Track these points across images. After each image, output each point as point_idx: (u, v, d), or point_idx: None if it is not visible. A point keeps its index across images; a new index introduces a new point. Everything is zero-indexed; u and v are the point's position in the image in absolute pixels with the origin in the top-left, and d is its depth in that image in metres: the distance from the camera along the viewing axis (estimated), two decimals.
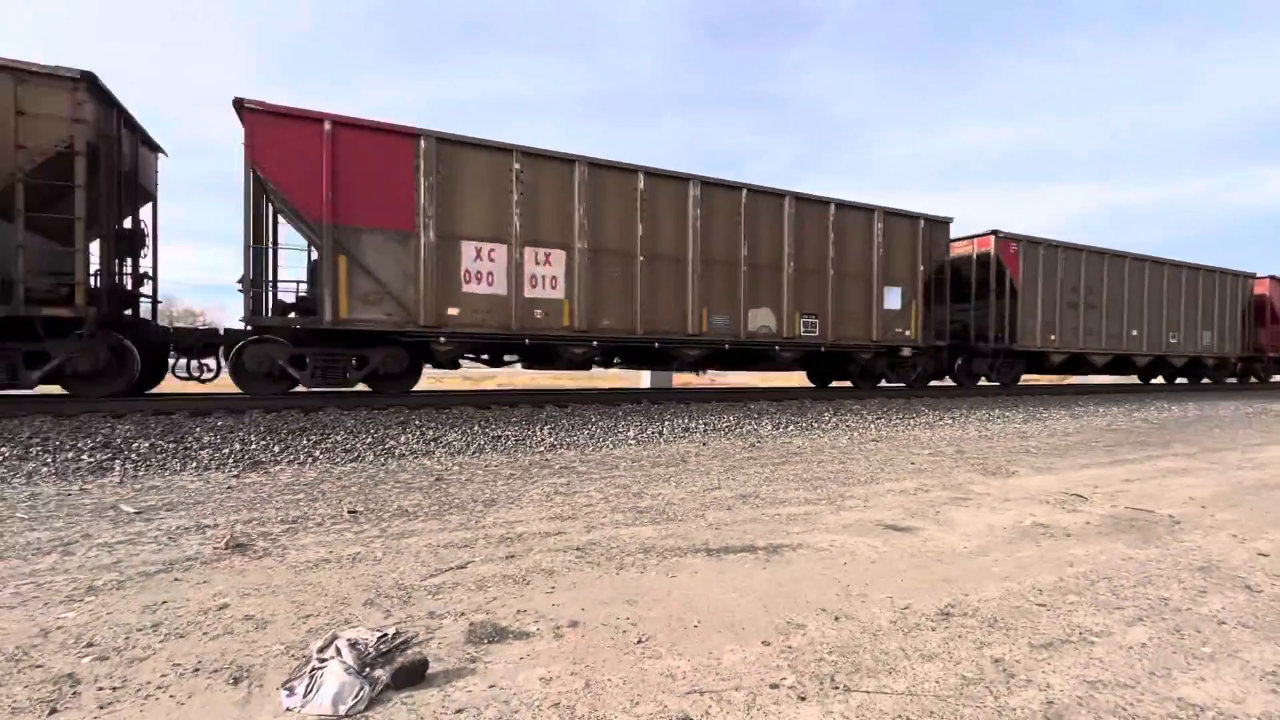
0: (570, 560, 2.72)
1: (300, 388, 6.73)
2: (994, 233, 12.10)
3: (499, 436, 5.55)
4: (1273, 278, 17.87)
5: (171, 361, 7.37)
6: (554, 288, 7.42)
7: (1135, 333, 14.19)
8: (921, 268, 10.70)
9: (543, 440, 5.61)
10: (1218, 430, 8.16)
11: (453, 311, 6.84)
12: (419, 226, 6.64)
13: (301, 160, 6.16)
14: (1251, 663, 1.79)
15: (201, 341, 6.93)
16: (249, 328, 6.52)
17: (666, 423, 6.63)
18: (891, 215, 10.28)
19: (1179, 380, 17.85)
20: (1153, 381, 17.46)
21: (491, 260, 7.03)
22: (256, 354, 6.50)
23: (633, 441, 5.88)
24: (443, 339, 6.87)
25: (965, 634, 1.98)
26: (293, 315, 7.04)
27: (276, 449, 4.79)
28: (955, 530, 3.25)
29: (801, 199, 9.29)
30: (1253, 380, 19.63)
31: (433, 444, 5.19)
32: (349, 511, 3.49)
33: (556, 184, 7.37)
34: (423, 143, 6.63)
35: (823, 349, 9.64)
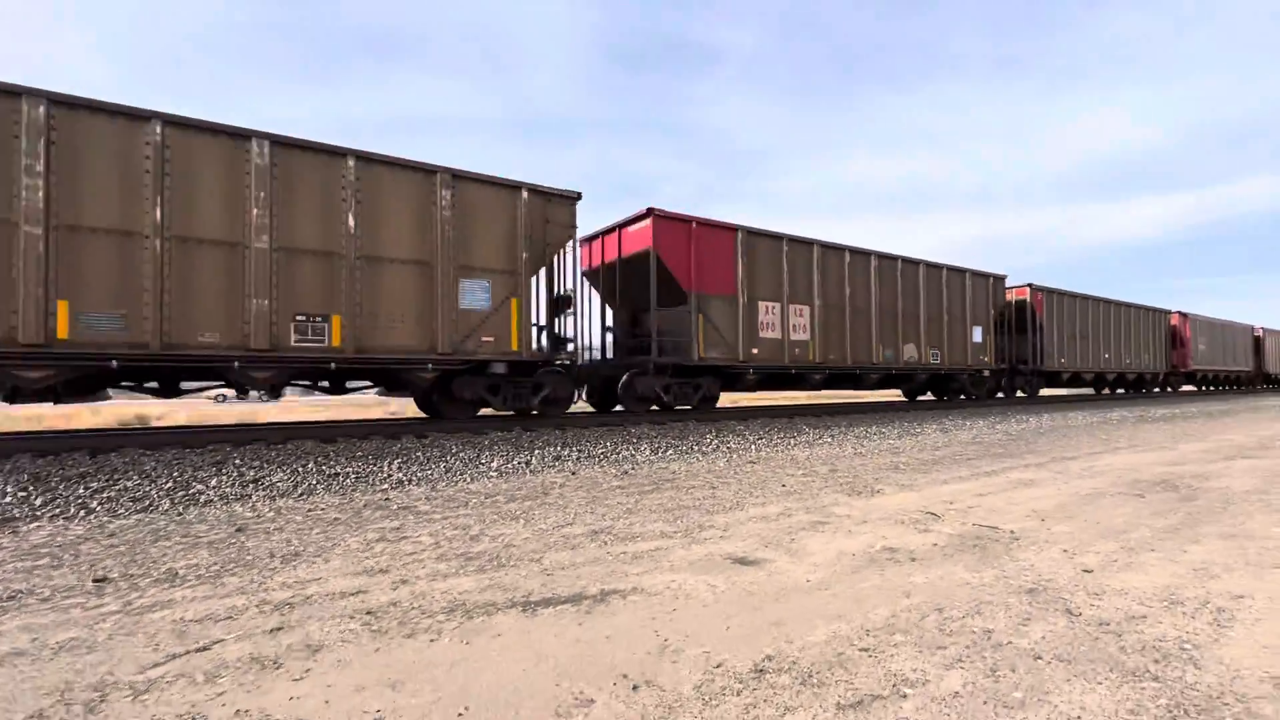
0: (352, 630, 2.26)
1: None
2: (1029, 285, 17.96)
3: (335, 474, 4.92)
4: (1180, 313, 25.03)
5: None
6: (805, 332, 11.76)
7: (1107, 355, 20.66)
8: (992, 311, 16.22)
9: (389, 476, 5.03)
10: (1066, 440, 8.80)
11: (754, 351, 10.89)
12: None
13: None
14: (1059, 708, 1.65)
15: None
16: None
17: (536, 451, 6.23)
18: (976, 275, 15.72)
19: (1118, 390, 24.45)
20: (1116, 390, 23.89)
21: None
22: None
23: (494, 474, 5.42)
24: (751, 370, 10.87)
25: (772, 697, 1.73)
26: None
27: (39, 500, 3.94)
28: (804, 561, 3.07)
29: (930, 265, 14.43)
30: (1169, 390, 26.00)
31: (251, 486, 4.49)
32: (95, 580, 2.83)
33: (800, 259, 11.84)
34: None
35: (943, 372, 14.90)
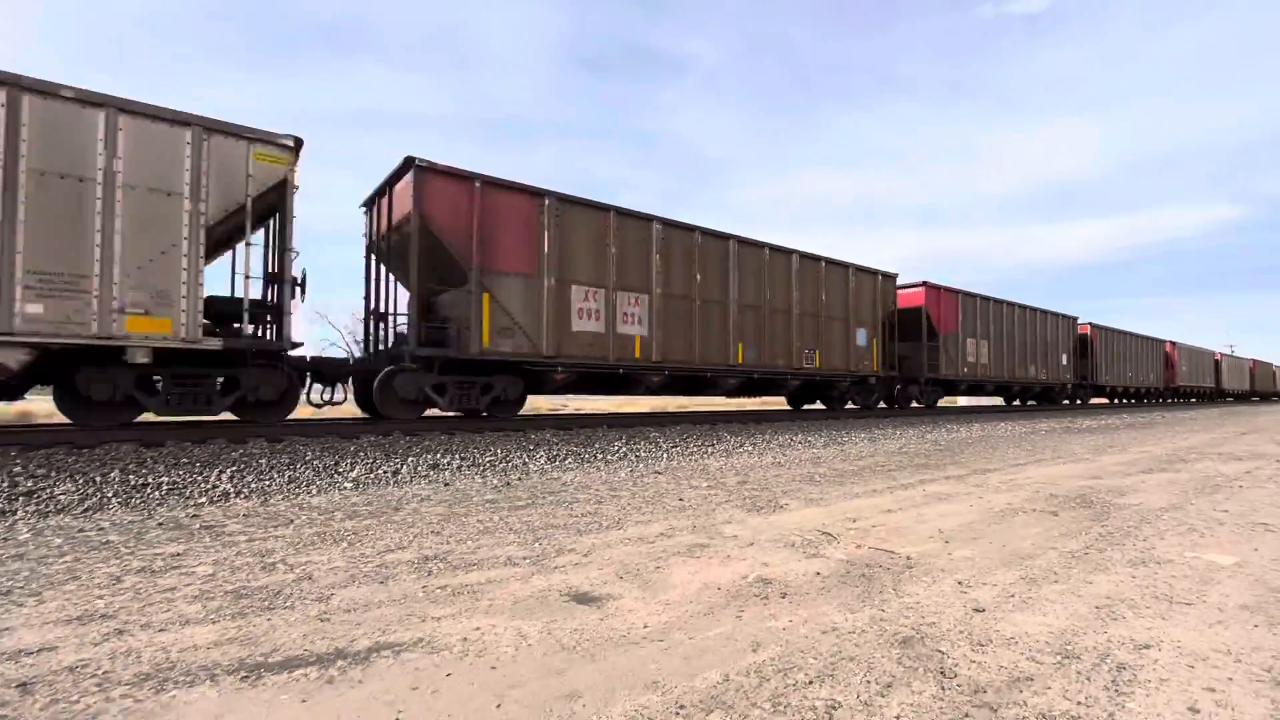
0: None
1: None
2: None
3: (144, 485, 4.16)
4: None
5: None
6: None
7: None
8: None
9: (215, 488, 4.30)
10: (992, 451, 8.64)
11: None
12: None
13: None
14: None
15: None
16: None
17: (411, 459, 5.56)
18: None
19: (1030, 402, 23.93)
20: (1026, 401, 23.54)
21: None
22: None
23: (349, 485, 4.75)
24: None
25: None
26: None
27: None
28: (656, 597, 2.55)
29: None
30: (1078, 402, 25.02)
31: (22, 500, 3.69)
32: None
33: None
34: None
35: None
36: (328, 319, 47.10)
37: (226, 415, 6.98)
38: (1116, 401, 30.29)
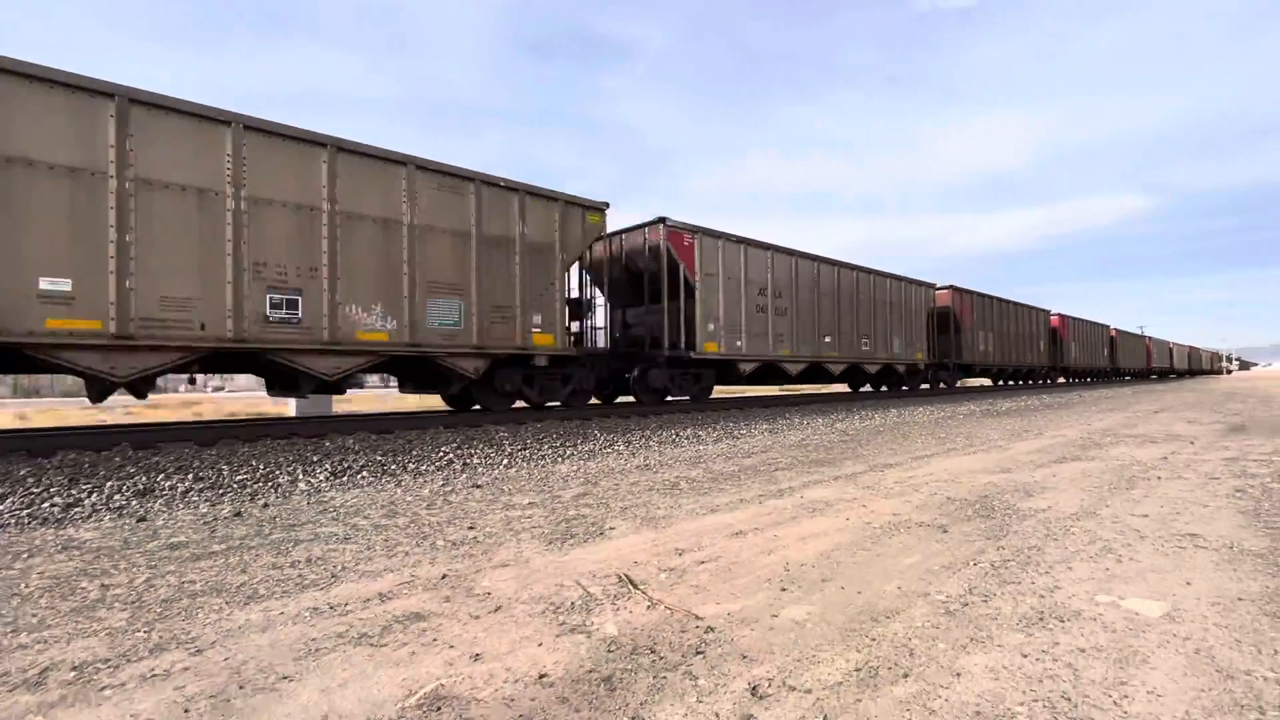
0: None
1: None
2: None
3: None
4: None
5: None
6: None
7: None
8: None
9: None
10: (900, 441, 7.87)
11: None
12: None
13: None
14: None
15: None
16: None
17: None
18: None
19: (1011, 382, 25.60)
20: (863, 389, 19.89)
21: None
22: None
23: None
24: None
25: None
26: None
27: None
28: None
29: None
30: (942, 386, 23.41)
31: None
32: None
33: None
34: None
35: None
36: None
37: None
38: (1074, 380, 32.28)
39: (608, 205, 9.74)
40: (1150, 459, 5.87)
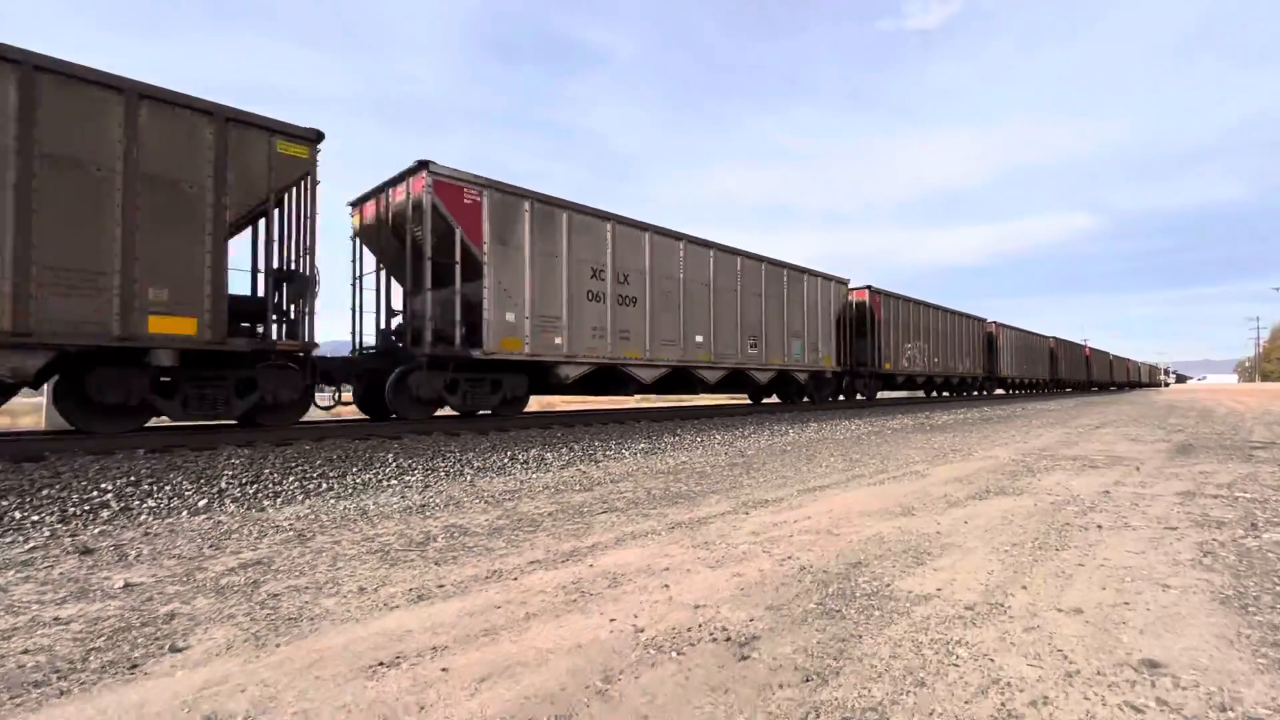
0: None
1: None
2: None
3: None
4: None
5: None
6: None
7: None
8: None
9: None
10: (797, 465, 6.57)
11: None
12: None
13: None
14: None
15: None
16: None
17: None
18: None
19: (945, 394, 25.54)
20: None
21: None
22: None
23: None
24: None
25: None
26: None
27: None
28: None
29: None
30: (859, 397, 25.13)
31: None
32: None
33: None
34: None
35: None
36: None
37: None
38: (1014, 392, 32.02)
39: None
40: (1090, 494, 4.67)
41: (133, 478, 4.56)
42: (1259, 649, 1.96)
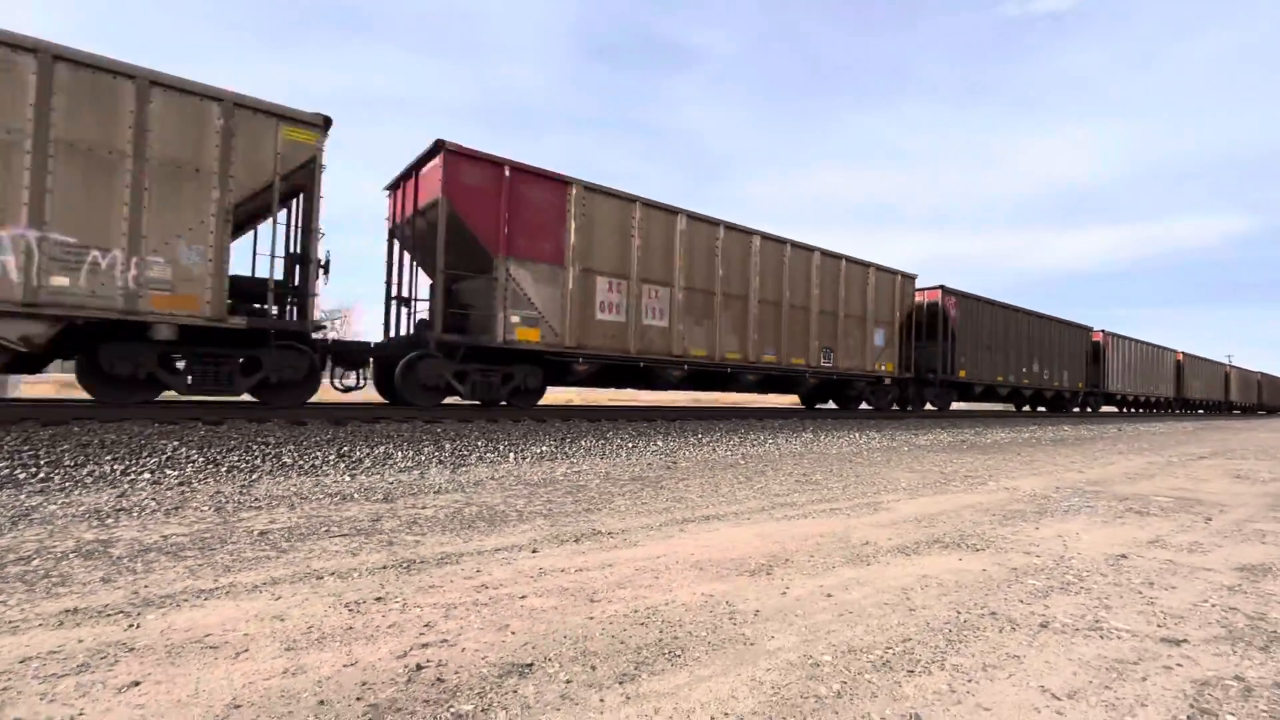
0: None
1: None
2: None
3: None
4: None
5: None
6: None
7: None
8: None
9: None
10: (745, 480, 5.27)
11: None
12: None
13: None
14: None
15: None
16: None
17: None
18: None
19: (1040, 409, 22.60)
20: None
21: None
22: None
23: None
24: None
25: None
26: None
27: None
28: None
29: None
30: (1088, 410, 23.87)
31: None
32: None
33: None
34: None
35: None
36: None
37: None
38: (1128, 411, 28.04)
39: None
40: (1093, 558, 3.13)
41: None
42: None
